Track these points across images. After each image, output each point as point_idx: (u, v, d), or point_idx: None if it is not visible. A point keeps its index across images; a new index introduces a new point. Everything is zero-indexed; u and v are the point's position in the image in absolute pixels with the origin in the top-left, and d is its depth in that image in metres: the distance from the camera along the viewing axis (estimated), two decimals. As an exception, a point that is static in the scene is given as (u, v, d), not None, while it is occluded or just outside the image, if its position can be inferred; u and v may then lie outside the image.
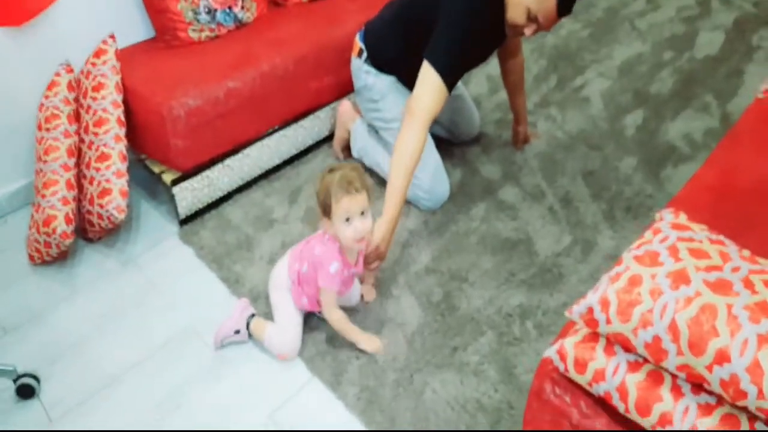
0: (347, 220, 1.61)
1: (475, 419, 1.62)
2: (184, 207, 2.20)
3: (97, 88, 2.09)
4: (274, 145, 2.35)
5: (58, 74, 2.14)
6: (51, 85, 2.13)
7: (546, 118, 2.64)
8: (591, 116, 2.64)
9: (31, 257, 2.11)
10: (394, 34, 2.08)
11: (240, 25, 2.40)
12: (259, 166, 2.36)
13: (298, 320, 1.80)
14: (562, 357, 1.12)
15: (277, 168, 2.43)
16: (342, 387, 1.71)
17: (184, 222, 2.23)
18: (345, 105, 2.40)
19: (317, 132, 2.49)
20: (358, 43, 2.19)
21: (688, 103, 2.67)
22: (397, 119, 2.15)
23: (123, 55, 2.18)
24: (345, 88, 2.45)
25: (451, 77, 1.89)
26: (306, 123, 2.42)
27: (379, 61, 2.13)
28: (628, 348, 1.05)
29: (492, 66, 2.87)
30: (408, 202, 2.24)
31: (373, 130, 2.30)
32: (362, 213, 1.62)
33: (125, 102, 2.12)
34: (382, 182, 2.31)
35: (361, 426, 1.62)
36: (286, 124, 2.36)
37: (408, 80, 2.13)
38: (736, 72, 2.83)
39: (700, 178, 1.66)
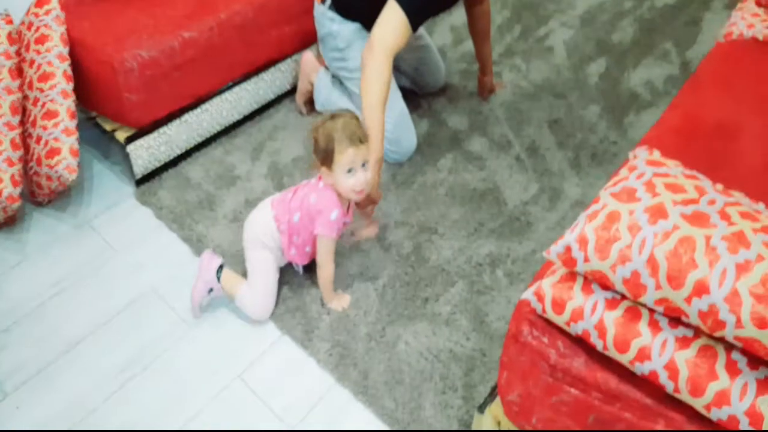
0: (349, 171, 1.58)
1: (449, 368, 1.62)
2: (140, 166, 2.11)
3: (40, 40, 1.95)
4: (234, 100, 2.26)
5: (-5, 26, 1.99)
6: (-12, 38, 1.98)
7: (511, 68, 2.61)
8: (555, 65, 2.62)
9: (-24, 224, 2.00)
10: None
11: (194, -29, 2.27)
12: (218, 121, 2.27)
13: (274, 281, 1.75)
14: (540, 298, 1.11)
15: (237, 123, 2.35)
16: (313, 343, 1.69)
17: (140, 182, 2.14)
18: (307, 56, 2.32)
19: (279, 85, 2.40)
20: None
21: (648, 51, 2.68)
22: (360, 68, 2.08)
23: (68, 5, 2.04)
24: (307, 38, 2.36)
25: (415, 15, 1.83)
26: (267, 76, 2.33)
27: (344, 7, 2.05)
28: (606, 286, 1.05)
29: (456, 16, 2.82)
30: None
31: (338, 80, 2.23)
32: (363, 164, 1.60)
33: (72, 55, 1.99)
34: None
35: (334, 380, 1.61)
36: (246, 77, 2.26)
37: (372, 25, 2.06)
38: (694, 20, 2.85)
39: (665, 121, 1.67)
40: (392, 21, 1.81)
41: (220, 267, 1.75)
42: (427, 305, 1.77)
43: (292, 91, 2.46)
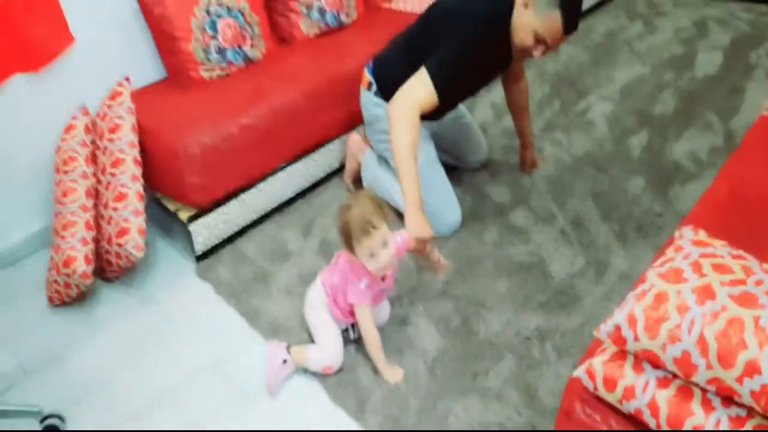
0: (371, 255, 1.65)
1: (501, 444, 1.62)
2: (201, 243, 2.23)
3: (113, 130, 2.13)
4: (286, 179, 2.39)
5: (74, 117, 2.19)
6: (68, 129, 2.18)
7: (552, 142, 2.68)
8: (596, 139, 2.68)
9: (51, 299, 2.13)
10: (402, 65, 2.11)
11: (249, 62, 2.47)
12: (272, 200, 2.39)
13: (337, 332, 1.83)
14: (591, 376, 1.13)
15: (289, 201, 2.47)
16: (365, 416, 1.71)
17: (200, 258, 2.26)
18: (354, 137, 2.45)
19: (328, 164, 2.53)
20: (367, 76, 2.24)
21: (691, 123, 2.71)
22: None
23: (137, 97, 2.24)
24: (354, 121, 2.50)
25: (442, 87, 1.92)
26: (317, 156, 2.46)
27: (389, 92, 2.17)
28: (656, 364, 1.06)
29: (496, 93, 2.93)
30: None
31: (383, 161, 2.34)
32: (384, 244, 1.66)
33: (141, 142, 2.16)
34: (397, 213, 2.34)
35: (387, 455, 1.62)
36: (297, 157, 2.40)
37: None
38: (737, 90, 2.88)
39: (710, 195, 1.69)
40: (418, 86, 1.92)
41: (288, 346, 1.84)
42: (477, 379, 1.78)
43: (340, 170, 2.59)
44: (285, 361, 1.81)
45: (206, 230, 2.22)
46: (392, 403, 1.74)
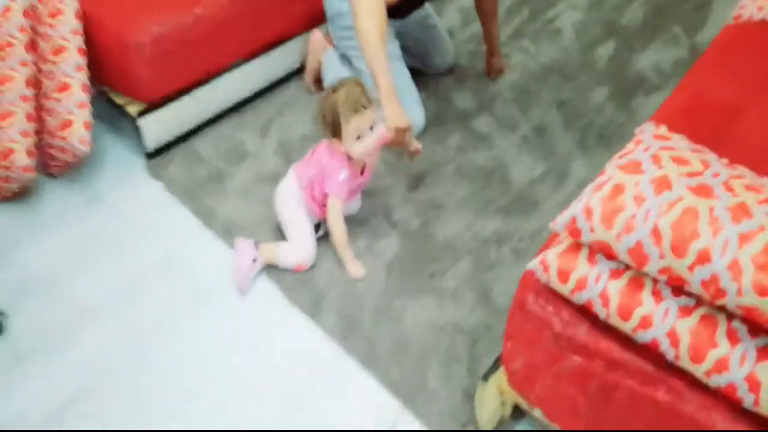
0: (358, 138, 1.64)
1: (454, 340, 1.66)
2: (151, 140, 2.13)
3: (54, 14, 1.97)
4: (243, 77, 2.28)
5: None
6: (4, 12, 1.99)
7: (519, 49, 2.61)
8: (563, 47, 2.63)
9: (-11, 193, 2.03)
10: None
11: (205, -52, 2.28)
12: (228, 98, 2.29)
13: (311, 228, 1.82)
14: (545, 267, 1.14)
15: (246, 101, 2.36)
16: (321, 314, 1.72)
17: (151, 156, 2.17)
18: (316, 35, 2.33)
19: (288, 63, 2.42)
20: None
21: (657, 35, 2.68)
22: None
23: (81, -20, 2.05)
24: (316, 17, 2.37)
25: None
26: (276, 53, 2.34)
27: None
28: (610, 255, 1.07)
29: (465, -2, 2.83)
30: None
31: (346, 59, 2.25)
32: (371, 128, 1.66)
33: (85, 31, 2.00)
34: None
35: (342, 350, 1.65)
36: (256, 54, 2.28)
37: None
38: (704, 3, 2.84)
39: (672, 101, 1.68)
40: None
41: (256, 242, 1.81)
42: (434, 280, 1.81)
43: (301, 70, 2.47)
44: (254, 260, 1.79)
45: (157, 126, 2.12)
46: (348, 302, 1.75)
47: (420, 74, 2.39)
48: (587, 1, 2.88)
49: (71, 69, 1.97)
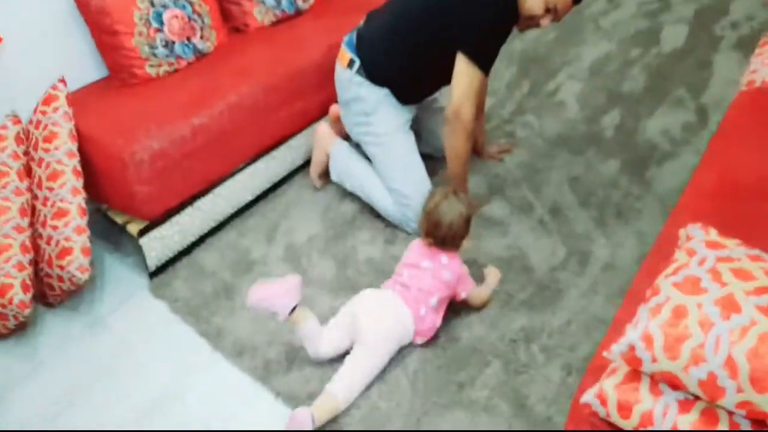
0: None
1: (494, 459, 1.51)
2: (154, 258, 2.04)
3: (48, 139, 1.91)
4: (246, 181, 2.21)
5: (3, 127, 1.95)
6: (-5, 140, 1.95)
7: (523, 125, 2.56)
8: (568, 120, 2.57)
9: (-15, 333, 1.91)
10: (394, 50, 2.01)
11: (200, 56, 2.25)
12: (231, 204, 2.21)
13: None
14: (603, 401, 1.02)
15: (250, 204, 2.28)
16: (344, 439, 1.58)
17: (154, 274, 2.07)
18: (323, 127, 2.28)
19: (290, 162, 2.35)
20: (347, 53, 2.07)
21: (662, 99, 2.63)
22: (387, 133, 2.07)
23: (75, 99, 2.00)
24: (317, 113, 2.33)
25: (489, 66, 1.92)
26: (278, 153, 2.28)
27: (375, 72, 2.03)
28: (676, 386, 0.96)
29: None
30: (394, 227, 2.15)
31: (354, 151, 2.19)
32: None
33: (81, 150, 1.95)
34: (366, 207, 2.21)
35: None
36: (257, 157, 2.22)
37: (402, 95, 2.07)
38: (705, 63, 2.81)
39: (698, 183, 1.60)
40: (469, 80, 1.89)
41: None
42: (463, 391, 1.67)
43: (303, 166, 2.41)
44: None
45: (159, 243, 2.03)
46: (373, 425, 1.61)
47: (429, 158, 2.31)
48: (587, 70, 2.85)
49: (68, 193, 1.89)
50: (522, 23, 1.94)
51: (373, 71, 2.03)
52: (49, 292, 1.96)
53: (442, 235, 1.74)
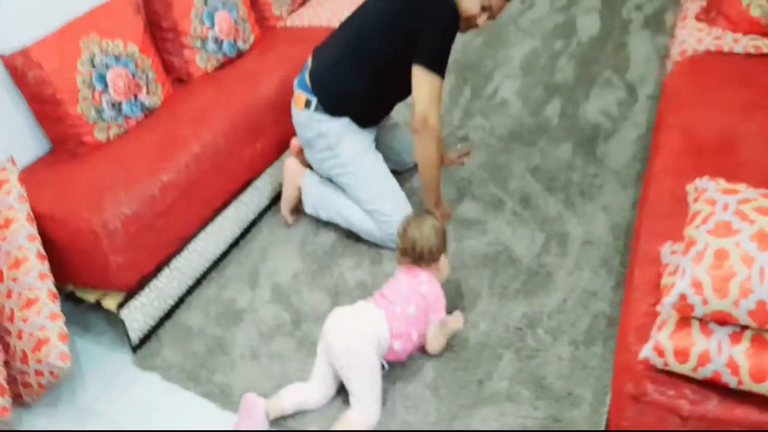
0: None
1: (533, 445, 1.52)
2: (136, 330, 1.92)
3: (5, 225, 1.78)
4: (217, 231, 2.14)
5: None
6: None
7: (475, 128, 2.64)
8: (514, 116, 2.68)
9: (-36, 448, 1.74)
10: (347, 73, 2.02)
11: (148, 112, 2.18)
12: (206, 258, 2.13)
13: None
14: (660, 352, 1.05)
15: (223, 255, 2.22)
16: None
17: (137, 347, 1.95)
18: (291, 161, 2.25)
19: (257, 203, 2.31)
20: (302, 95, 2.07)
21: (592, 83, 2.80)
22: (354, 160, 2.08)
23: (23, 180, 1.88)
24: (277, 148, 2.31)
25: (443, 70, 1.94)
26: (245, 197, 2.23)
27: (332, 106, 2.03)
28: (726, 322, 1.01)
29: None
30: (378, 247, 2.15)
31: (326, 179, 2.18)
32: None
33: (40, 232, 1.82)
34: (344, 234, 2.20)
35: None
36: (226, 204, 2.16)
37: (362, 120, 2.09)
38: (621, 45, 3.03)
39: (663, 145, 1.70)
40: (430, 88, 1.91)
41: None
42: (484, 387, 1.68)
43: (270, 205, 2.37)
44: None
45: (140, 313, 1.92)
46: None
47: (395, 173, 2.32)
48: (519, 68, 2.99)
49: (35, 280, 1.76)
50: (462, 24, 2.00)
51: (332, 104, 2.04)
52: (24, 390, 1.80)
53: (418, 252, 1.72)
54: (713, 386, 1.06)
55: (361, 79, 2.02)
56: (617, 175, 2.28)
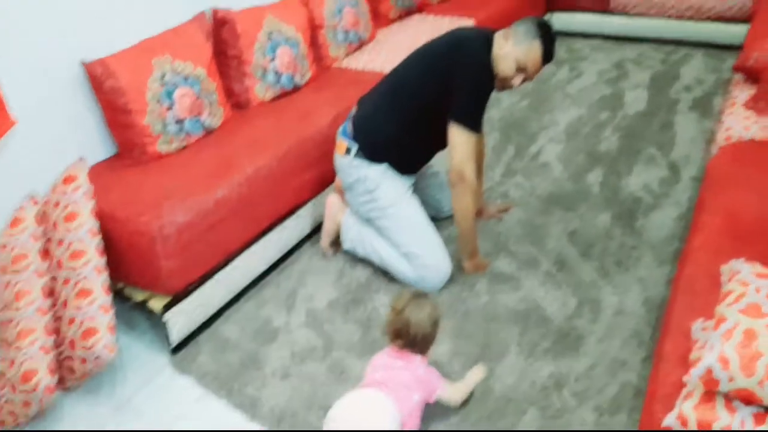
0: None
1: (551, 506, 1.54)
2: (176, 333, 2.03)
3: (70, 218, 1.91)
4: (260, 251, 2.25)
5: (21, 208, 1.95)
6: (14, 222, 1.94)
7: (516, 186, 2.72)
8: (555, 179, 2.76)
9: (2, 423, 1.83)
10: (387, 121, 2.13)
11: (208, 132, 2.33)
12: (246, 276, 2.24)
13: None
14: (684, 422, 1.10)
15: (263, 275, 2.32)
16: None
17: (176, 350, 2.05)
18: (333, 198, 2.36)
19: (300, 230, 2.42)
20: (343, 142, 2.19)
21: (636, 157, 2.87)
22: (393, 204, 2.16)
23: (93, 178, 2.02)
24: (324, 182, 2.43)
25: (477, 126, 2.05)
26: (289, 223, 2.35)
27: (372, 153, 2.14)
28: (750, 401, 1.05)
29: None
30: (411, 287, 2.19)
31: (366, 220, 2.27)
32: None
33: (102, 228, 1.95)
34: (380, 271, 2.28)
35: None
36: (271, 227, 2.27)
37: (401, 167, 2.19)
38: (668, 124, 3.10)
39: (704, 225, 1.75)
40: (464, 144, 2.02)
41: None
42: (506, 438, 1.72)
43: (311, 235, 2.48)
44: None
45: (183, 318, 2.03)
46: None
47: (433, 220, 2.40)
48: (563, 133, 3.08)
49: (92, 272, 1.88)
50: (498, 84, 2.11)
51: (371, 150, 2.14)
52: (68, 376, 1.90)
53: (412, 336, 1.68)
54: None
55: (398, 129, 2.12)
56: (654, 250, 2.31)
